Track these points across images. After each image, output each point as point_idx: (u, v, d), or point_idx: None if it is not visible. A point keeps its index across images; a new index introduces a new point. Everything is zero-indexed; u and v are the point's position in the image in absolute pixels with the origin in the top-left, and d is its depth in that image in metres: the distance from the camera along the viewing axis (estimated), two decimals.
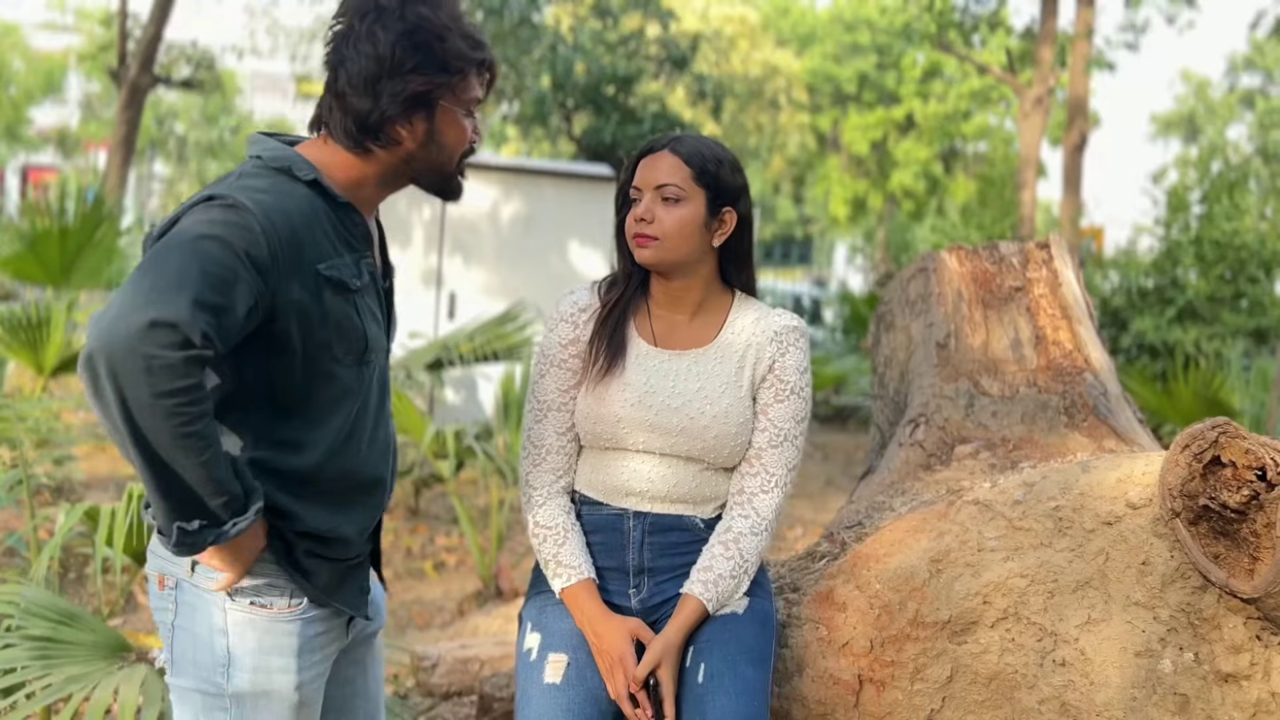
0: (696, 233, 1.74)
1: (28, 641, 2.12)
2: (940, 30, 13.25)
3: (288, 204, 1.40)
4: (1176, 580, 1.62)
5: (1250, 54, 32.92)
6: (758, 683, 1.68)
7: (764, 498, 1.76)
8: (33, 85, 28.10)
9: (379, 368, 1.56)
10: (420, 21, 1.44)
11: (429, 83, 1.45)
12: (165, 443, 1.27)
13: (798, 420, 1.79)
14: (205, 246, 1.30)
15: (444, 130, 1.50)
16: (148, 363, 1.22)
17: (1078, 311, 2.71)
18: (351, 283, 1.47)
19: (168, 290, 1.24)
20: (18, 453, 3.04)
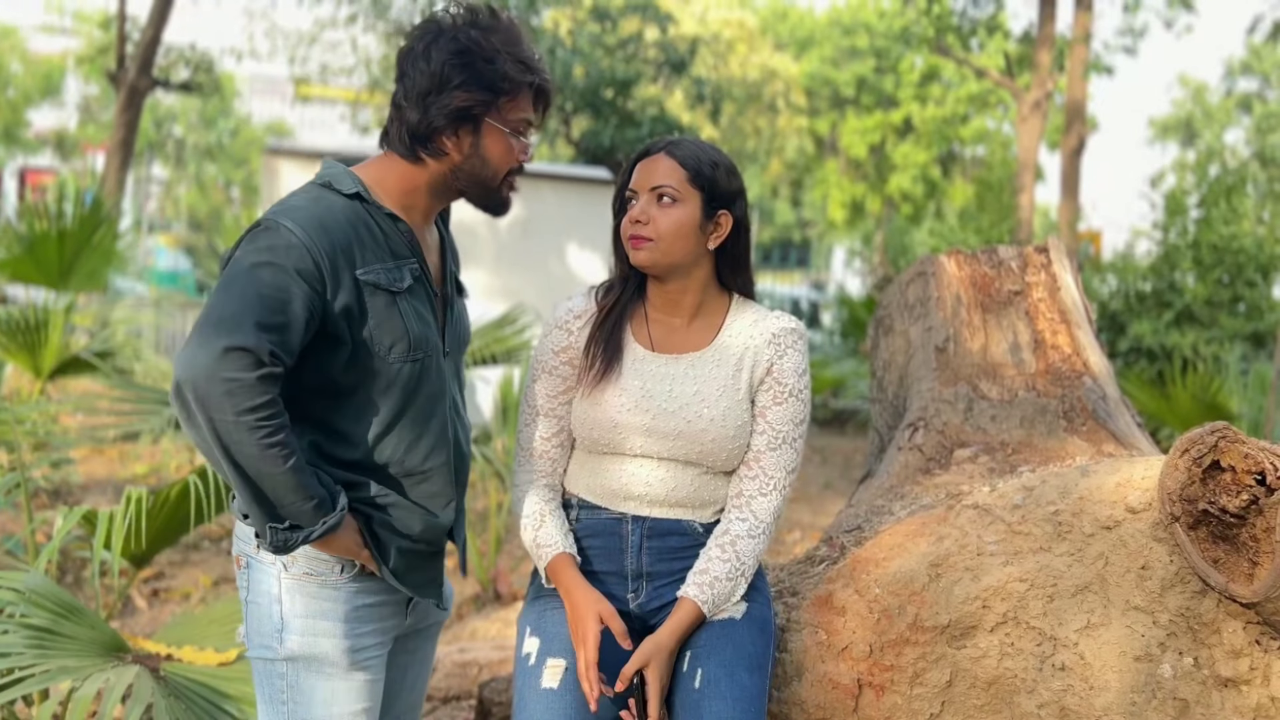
0: (692, 234, 1.74)
1: (26, 630, 2.12)
2: (938, 34, 13.27)
3: (325, 216, 1.53)
4: (1176, 585, 1.62)
5: (1247, 58, 33.00)
6: (754, 689, 1.68)
7: (762, 500, 1.76)
8: (31, 88, 28.10)
9: (432, 366, 1.65)
10: (470, 44, 1.57)
11: (473, 99, 1.58)
12: (252, 454, 1.43)
13: (796, 423, 1.78)
14: (259, 274, 1.46)
15: (488, 146, 1.62)
16: (227, 386, 1.40)
17: (1076, 315, 2.71)
18: (393, 286, 1.58)
19: (234, 320, 1.42)
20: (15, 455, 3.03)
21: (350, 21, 17.67)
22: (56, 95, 28.86)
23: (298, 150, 7.24)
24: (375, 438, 1.60)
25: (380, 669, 1.67)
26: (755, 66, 23.70)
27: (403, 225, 1.61)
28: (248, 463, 1.43)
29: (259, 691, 1.65)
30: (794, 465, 1.79)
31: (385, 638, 1.68)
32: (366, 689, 1.64)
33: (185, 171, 30.61)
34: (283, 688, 1.62)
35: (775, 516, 1.77)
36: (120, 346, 5.77)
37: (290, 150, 7.25)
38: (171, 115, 29.28)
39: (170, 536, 2.67)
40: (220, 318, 1.42)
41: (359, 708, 1.63)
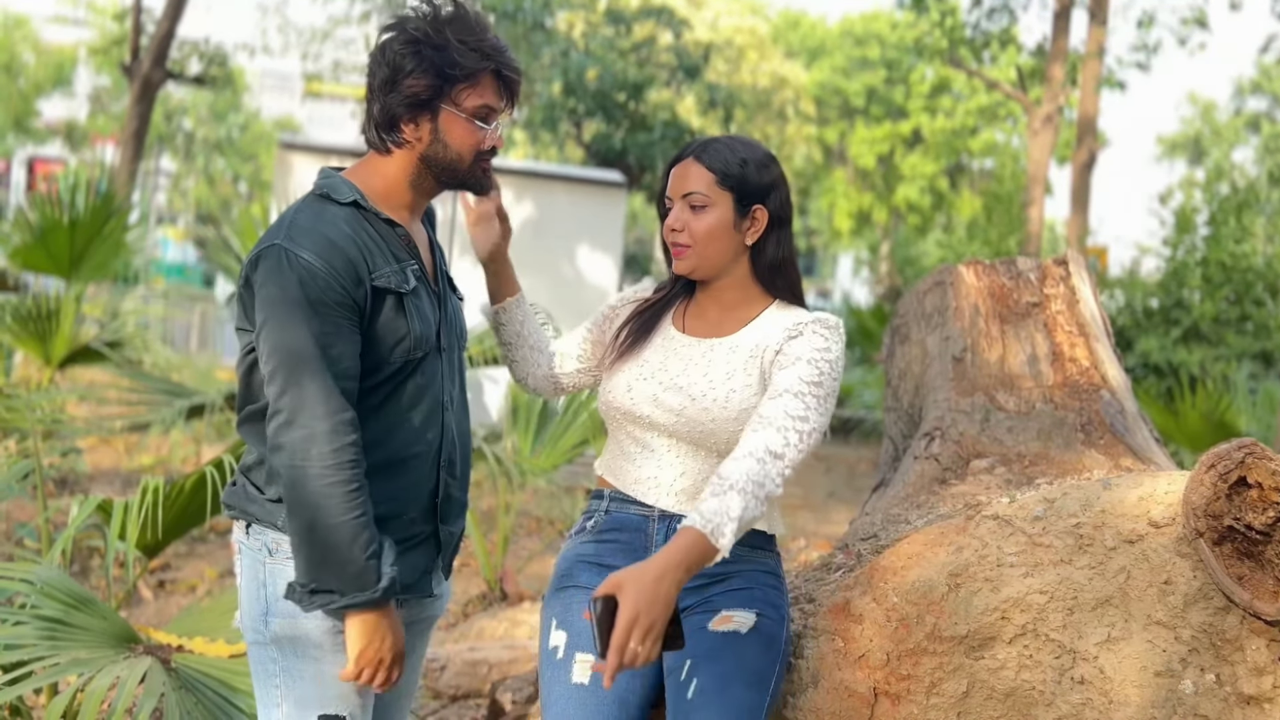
0: (726, 235, 1.76)
1: (38, 621, 2.12)
2: (951, 46, 13.28)
3: (332, 233, 1.61)
4: (1199, 600, 1.62)
5: (1257, 78, 33.01)
6: (747, 704, 1.65)
7: (752, 434, 1.61)
8: (42, 78, 28.17)
9: (427, 362, 1.70)
10: (420, 33, 1.63)
11: (423, 85, 1.63)
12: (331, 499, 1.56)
13: (806, 380, 1.66)
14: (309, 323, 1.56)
15: (447, 131, 1.67)
16: (338, 458, 1.56)
17: (1095, 329, 2.71)
18: (401, 287, 1.65)
19: (318, 392, 1.55)
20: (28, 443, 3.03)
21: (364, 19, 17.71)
22: (67, 86, 28.93)
23: (311, 145, 7.26)
24: (372, 428, 1.64)
25: None
26: (766, 74, 23.73)
27: (400, 229, 1.68)
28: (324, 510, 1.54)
29: (254, 675, 1.68)
30: (800, 413, 1.62)
31: None
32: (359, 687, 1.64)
33: (194, 165, 30.66)
34: (275, 671, 1.65)
35: (770, 448, 1.58)
36: (130, 337, 5.78)
37: (304, 145, 7.26)
38: (182, 109, 29.34)
39: (183, 528, 2.67)
40: (303, 396, 1.54)
41: (349, 688, 1.64)
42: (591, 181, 7.73)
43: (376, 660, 1.59)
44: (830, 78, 26.27)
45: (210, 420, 4.71)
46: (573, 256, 7.47)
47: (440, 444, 1.72)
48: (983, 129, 24.20)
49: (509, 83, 1.70)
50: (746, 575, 1.79)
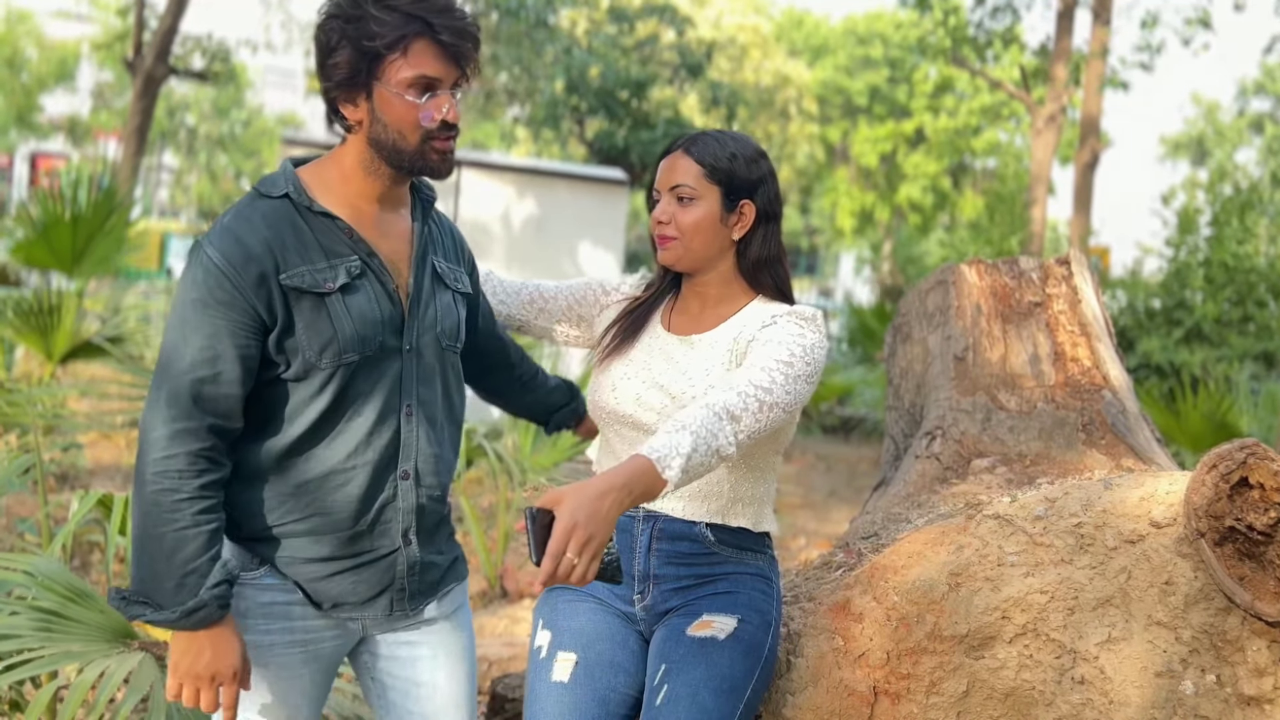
0: (712, 229, 1.76)
1: (33, 612, 2.12)
2: (954, 45, 13.26)
3: (242, 229, 1.51)
4: (1200, 601, 1.61)
5: (1261, 79, 32.96)
6: (717, 712, 1.63)
7: (712, 395, 1.57)
8: (45, 73, 28.17)
9: (372, 365, 1.58)
10: (336, 8, 1.50)
11: (347, 63, 1.50)
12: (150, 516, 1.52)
13: (776, 359, 1.63)
14: (189, 318, 1.49)
15: (383, 109, 1.52)
16: (164, 466, 1.50)
17: (1097, 329, 2.70)
18: (318, 287, 1.52)
19: (174, 395, 1.49)
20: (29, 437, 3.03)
21: None
22: (70, 81, 28.93)
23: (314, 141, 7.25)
24: (297, 436, 1.55)
25: (302, 668, 1.61)
26: (769, 72, 23.72)
27: (340, 222, 1.55)
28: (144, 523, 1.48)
29: None
30: (765, 385, 1.59)
31: (301, 637, 1.60)
32: (273, 686, 1.60)
33: (196, 160, 30.67)
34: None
35: (726, 408, 1.54)
36: (131, 333, 5.77)
37: (306, 141, 7.26)
38: (184, 104, 29.35)
39: None
40: (155, 399, 1.49)
41: (276, 701, 1.60)
42: (594, 179, 7.72)
43: (192, 676, 1.49)
44: (833, 76, 26.25)
45: None
46: (574, 254, 7.46)
47: (395, 454, 1.60)
48: (985, 128, 24.18)
49: (450, 46, 1.50)
50: (733, 579, 1.77)
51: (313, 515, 1.57)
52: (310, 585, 1.59)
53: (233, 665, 1.50)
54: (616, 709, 1.68)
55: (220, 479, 1.50)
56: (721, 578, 1.77)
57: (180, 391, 1.47)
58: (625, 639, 1.75)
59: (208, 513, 1.48)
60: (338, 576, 1.59)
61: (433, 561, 1.68)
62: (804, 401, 1.67)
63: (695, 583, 1.76)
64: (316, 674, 1.64)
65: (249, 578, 1.58)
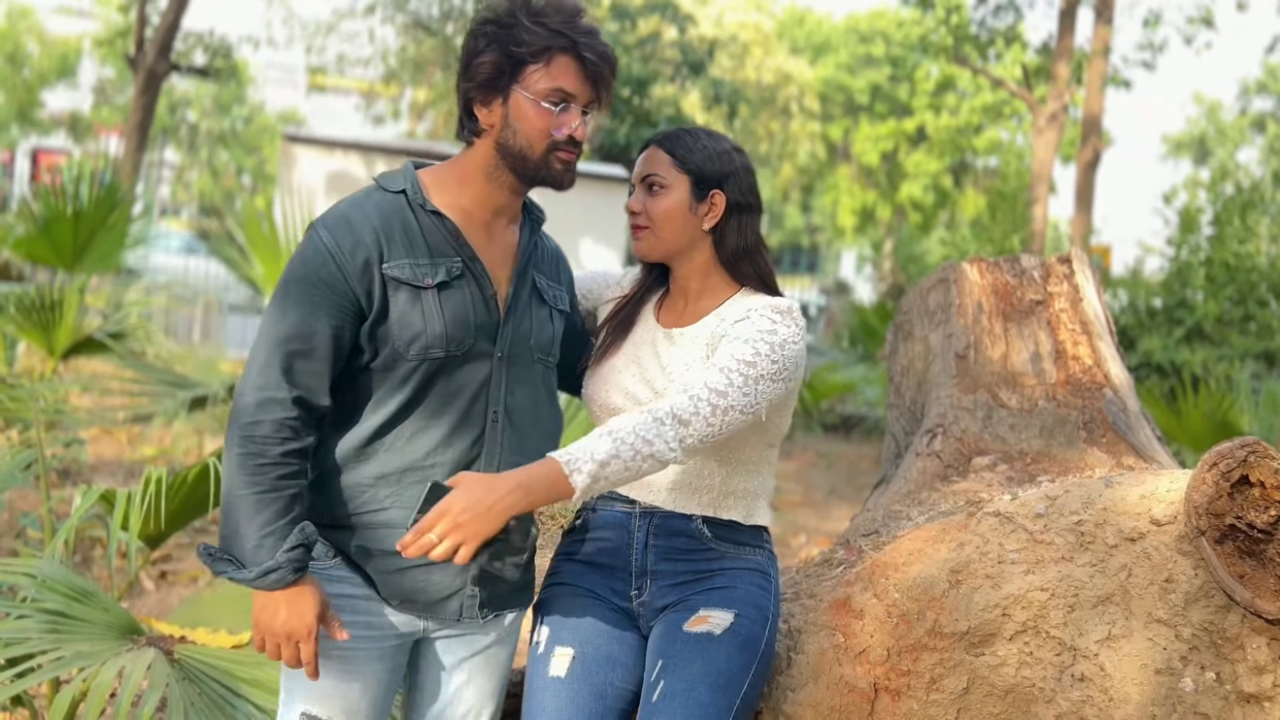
0: (682, 217, 1.77)
1: (40, 614, 2.12)
2: (956, 43, 13.26)
3: (355, 214, 1.59)
4: (1200, 599, 1.62)
5: (1263, 78, 32.93)
6: (713, 707, 1.63)
7: (663, 400, 1.60)
8: (46, 68, 28.17)
9: (460, 365, 1.62)
10: (491, 12, 1.60)
11: (491, 63, 1.58)
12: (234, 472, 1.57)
13: (738, 359, 1.63)
14: (290, 294, 1.57)
15: (517, 116, 1.60)
16: (252, 430, 1.57)
17: (1098, 327, 2.71)
18: (417, 281, 1.58)
19: (267, 364, 1.57)
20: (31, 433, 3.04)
21: (368, 12, 17.70)
22: (71, 77, 28.93)
23: (315, 138, 7.25)
24: (378, 426, 1.60)
25: (365, 664, 1.63)
26: (770, 70, 23.71)
27: (449, 223, 1.62)
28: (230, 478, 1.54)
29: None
30: (721, 388, 1.59)
31: (366, 632, 1.63)
32: (334, 677, 1.62)
33: (198, 157, 30.67)
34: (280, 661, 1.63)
35: (676, 414, 1.56)
36: (133, 328, 5.78)
37: (307, 138, 7.26)
38: (186, 100, 29.35)
39: (186, 518, 2.68)
40: (249, 367, 1.55)
41: (335, 693, 1.62)
42: (595, 177, 7.72)
43: (270, 633, 1.55)
44: (835, 74, 26.24)
45: (213, 412, 4.72)
46: (576, 251, 7.47)
47: (477, 458, 1.63)
48: (987, 127, 24.17)
49: (591, 66, 1.59)
50: (730, 574, 1.77)
51: (391, 509, 1.60)
52: (382, 578, 1.63)
53: (307, 624, 1.54)
54: (614, 703, 1.69)
55: (303, 448, 1.55)
56: (719, 573, 1.77)
57: (273, 361, 1.53)
58: (623, 634, 1.76)
59: (288, 478, 1.53)
60: (410, 572, 1.62)
61: (506, 574, 1.70)
62: (773, 400, 1.66)
63: (692, 578, 1.77)
64: (381, 672, 1.66)
65: (321, 568, 1.62)
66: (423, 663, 1.74)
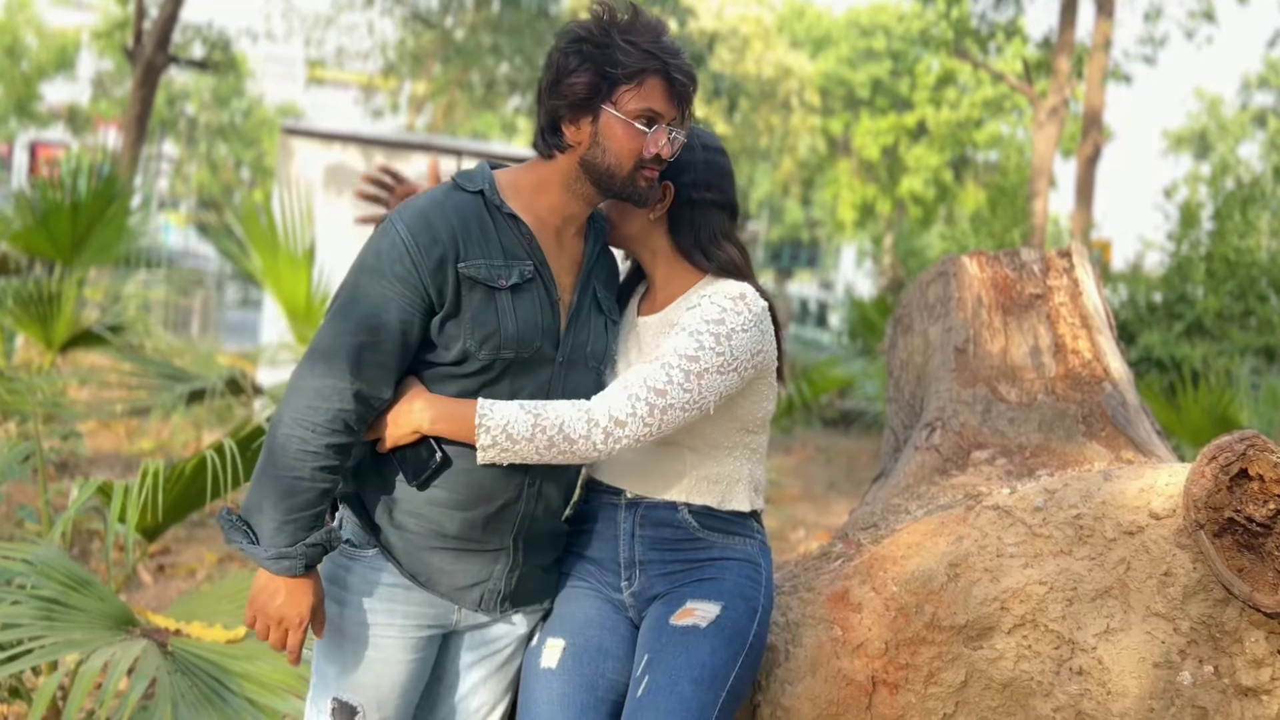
0: (624, 208, 1.76)
1: (36, 601, 2.12)
2: (957, 37, 13.23)
3: (432, 211, 1.60)
4: (1198, 592, 1.62)
5: (1265, 73, 32.87)
6: (696, 702, 1.62)
7: (600, 395, 1.63)
8: (45, 61, 28.11)
9: (525, 367, 1.65)
10: (586, 33, 1.61)
11: (585, 83, 1.60)
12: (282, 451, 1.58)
13: (680, 353, 1.63)
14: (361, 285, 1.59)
15: (608, 134, 1.62)
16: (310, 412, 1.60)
17: (1098, 321, 2.70)
18: (492, 281, 1.61)
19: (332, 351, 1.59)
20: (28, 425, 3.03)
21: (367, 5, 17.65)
22: (70, 69, 28.87)
23: (313, 130, 7.23)
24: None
25: (398, 652, 1.66)
26: (770, 64, 23.66)
27: (524, 227, 1.64)
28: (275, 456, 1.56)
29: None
30: (661, 385, 1.61)
31: (400, 621, 1.66)
32: (374, 666, 1.64)
33: (196, 150, 30.63)
34: (314, 646, 1.69)
35: (610, 414, 1.59)
36: (131, 322, 5.77)
37: (306, 130, 7.24)
38: (184, 93, 29.30)
39: (183, 511, 2.67)
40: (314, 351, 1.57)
41: (366, 681, 1.64)
42: None
43: (265, 613, 1.58)
44: (835, 68, 26.18)
45: (211, 405, 4.71)
46: None
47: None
48: (988, 121, 24.13)
49: (679, 88, 1.63)
50: (719, 564, 1.77)
51: (437, 487, 1.63)
52: (408, 553, 1.65)
53: (300, 613, 1.57)
54: (605, 694, 1.69)
55: (347, 444, 1.57)
56: (707, 563, 1.77)
57: (339, 350, 1.55)
58: (615, 625, 1.76)
59: (326, 471, 1.55)
60: (439, 552, 1.65)
61: (533, 573, 1.74)
62: (723, 392, 1.65)
63: (682, 568, 1.76)
64: (413, 662, 1.68)
65: (359, 554, 1.65)
66: (445, 656, 1.76)
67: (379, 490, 1.66)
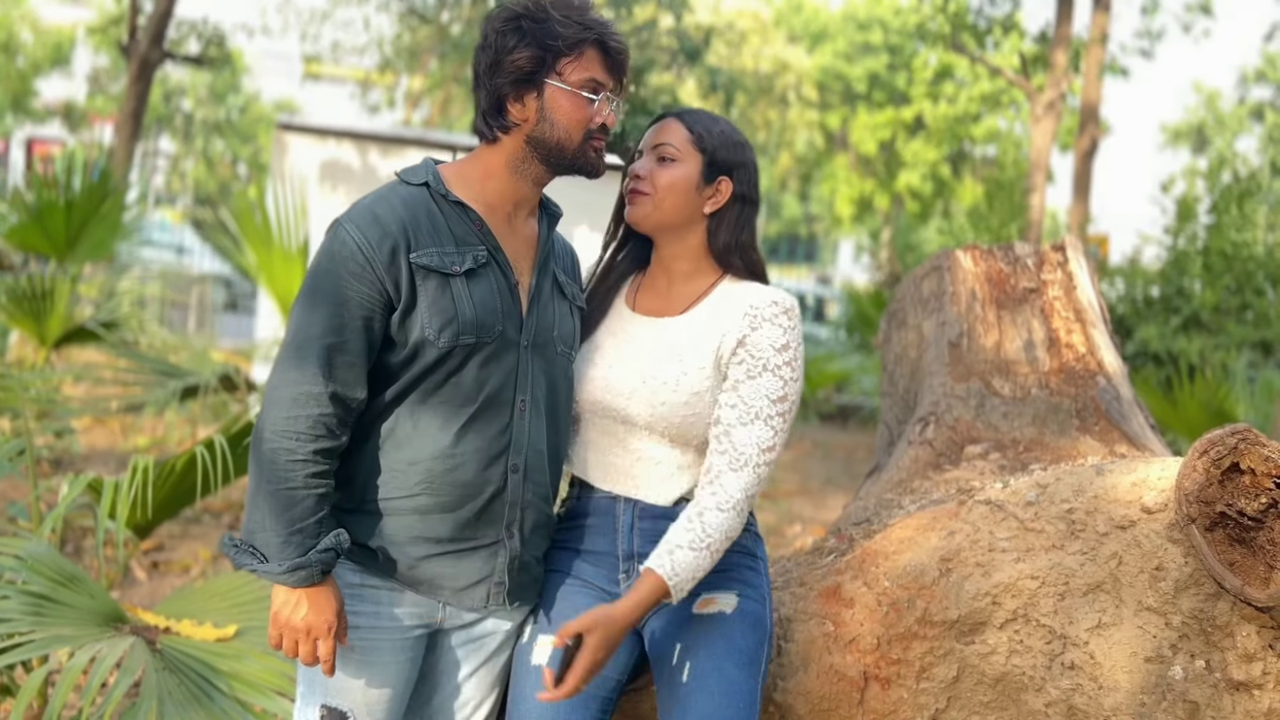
0: (686, 194, 1.74)
1: (24, 596, 2.11)
2: (954, 31, 13.21)
3: (380, 207, 1.60)
4: (1190, 586, 1.61)
5: (1262, 66, 32.84)
6: (743, 685, 1.65)
7: (731, 476, 1.65)
8: (40, 57, 28.01)
9: (489, 353, 1.63)
10: (521, 9, 1.62)
11: (527, 58, 1.60)
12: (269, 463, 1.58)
13: (772, 399, 1.67)
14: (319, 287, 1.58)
15: (554, 108, 1.63)
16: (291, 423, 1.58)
17: (1092, 315, 2.69)
18: (446, 268, 1.60)
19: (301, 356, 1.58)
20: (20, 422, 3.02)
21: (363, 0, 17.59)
22: (66, 66, 28.78)
23: (309, 126, 7.21)
24: (408, 415, 1.62)
25: (384, 656, 1.65)
26: (768, 59, 23.61)
27: (472, 213, 1.64)
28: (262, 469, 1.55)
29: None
30: (770, 443, 1.67)
31: (386, 623, 1.65)
32: (362, 670, 1.63)
33: (193, 146, 30.56)
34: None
35: (748, 494, 1.66)
36: (125, 318, 5.76)
37: (301, 126, 7.21)
38: (180, 89, 29.22)
39: (175, 507, 2.66)
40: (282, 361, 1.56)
41: (354, 685, 1.63)
42: None
43: (291, 628, 1.56)
44: (833, 63, 26.13)
45: (205, 401, 4.70)
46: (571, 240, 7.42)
47: (506, 446, 1.66)
48: (985, 115, 24.09)
49: (616, 56, 1.66)
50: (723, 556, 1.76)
51: (421, 494, 1.62)
52: (408, 564, 1.64)
53: (327, 620, 1.56)
54: (595, 691, 1.68)
55: (335, 447, 1.57)
56: None
57: (308, 356, 1.54)
58: None
59: (319, 477, 1.55)
60: (438, 559, 1.64)
61: (531, 563, 1.73)
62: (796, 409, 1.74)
63: None
64: (400, 664, 1.66)
65: (343, 560, 1.64)
66: (432, 655, 1.74)
67: (367, 497, 1.64)
